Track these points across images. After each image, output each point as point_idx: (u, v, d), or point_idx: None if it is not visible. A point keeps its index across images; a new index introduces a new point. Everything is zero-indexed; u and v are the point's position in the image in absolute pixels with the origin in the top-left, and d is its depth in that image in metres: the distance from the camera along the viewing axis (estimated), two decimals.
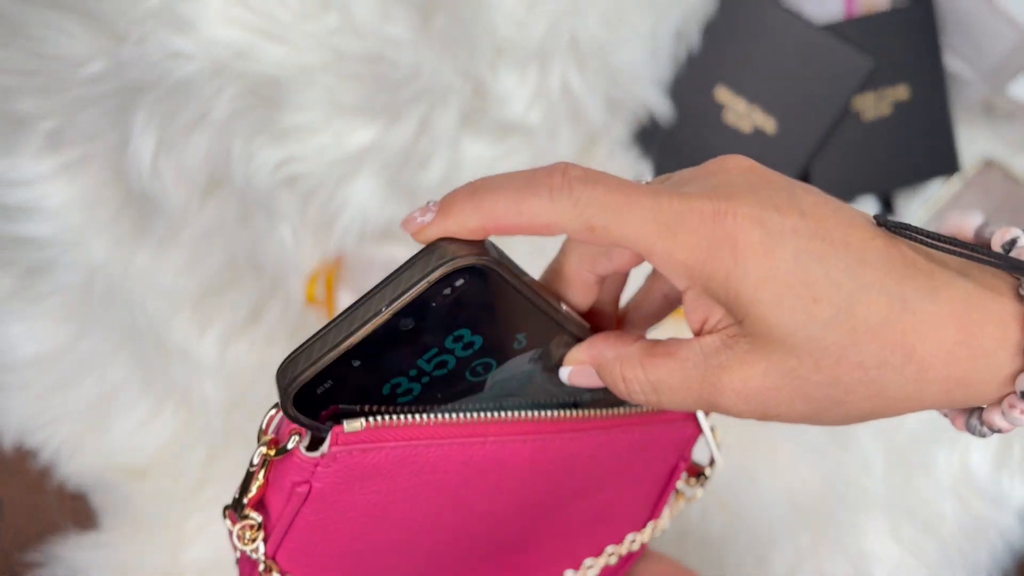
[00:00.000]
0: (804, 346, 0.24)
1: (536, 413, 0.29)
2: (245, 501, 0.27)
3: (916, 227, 0.25)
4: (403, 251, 0.62)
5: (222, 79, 0.55)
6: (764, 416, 0.25)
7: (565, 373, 0.29)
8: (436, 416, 0.27)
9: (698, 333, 0.26)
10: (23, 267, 0.60)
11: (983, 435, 0.26)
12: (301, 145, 0.57)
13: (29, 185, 0.58)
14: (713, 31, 0.65)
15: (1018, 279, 0.24)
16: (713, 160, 0.27)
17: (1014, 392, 0.24)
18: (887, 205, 0.70)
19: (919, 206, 0.69)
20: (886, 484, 0.63)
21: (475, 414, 0.28)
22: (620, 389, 0.28)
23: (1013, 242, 0.25)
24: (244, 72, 0.55)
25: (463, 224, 0.25)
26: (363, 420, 0.26)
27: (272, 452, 0.26)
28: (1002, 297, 0.24)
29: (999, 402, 0.25)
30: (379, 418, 0.26)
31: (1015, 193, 0.68)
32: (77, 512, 0.63)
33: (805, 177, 0.67)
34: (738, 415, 0.26)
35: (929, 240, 0.25)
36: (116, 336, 0.61)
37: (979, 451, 0.64)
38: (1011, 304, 0.24)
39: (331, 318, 0.33)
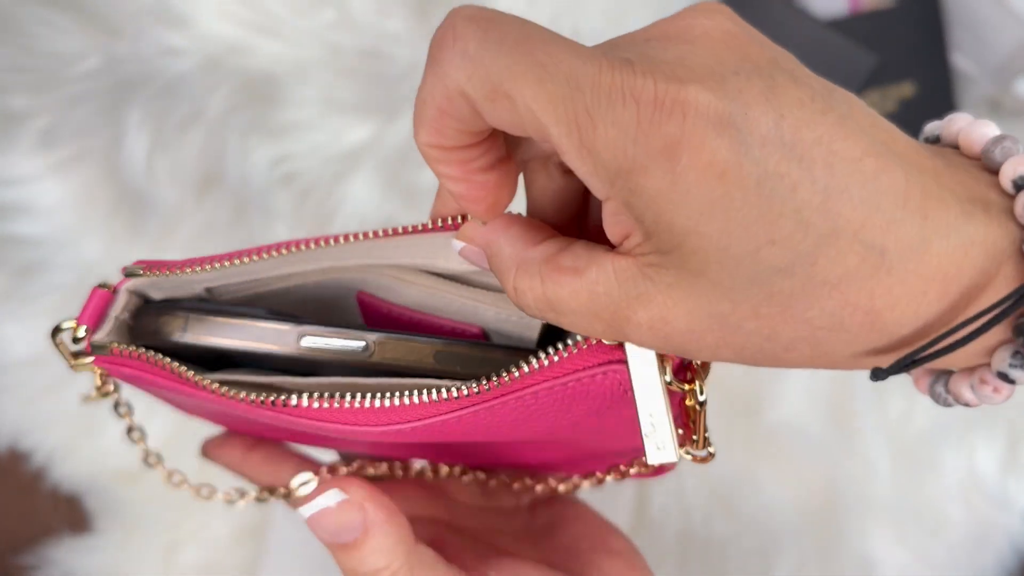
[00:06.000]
0: (744, 291, 0.19)
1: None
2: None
3: None
4: None
5: (217, 75, 0.54)
6: (677, 354, 0.21)
7: (457, 247, 0.24)
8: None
9: (616, 247, 0.21)
10: (16, 266, 0.60)
11: (947, 404, 0.22)
12: (297, 142, 0.57)
13: (22, 183, 0.57)
14: None
15: None
16: (683, 13, 0.21)
17: (988, 367, 0.20)
18: None
19: None
20: (892, 487, 0.63)
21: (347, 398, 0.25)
22: (511, 297, 0.22)
23: None
24: (239, 68, 0.55)
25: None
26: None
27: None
28: (1004, 259, 0.19)
29: (971, 372, 0.21)
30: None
31: None
32: (71, 515, 0.63)
33: None
34: (646, 347, 0.21)
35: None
36: None
37: (986, 453, 0.63)
38: (1009, 266, 0.19)
39: None
